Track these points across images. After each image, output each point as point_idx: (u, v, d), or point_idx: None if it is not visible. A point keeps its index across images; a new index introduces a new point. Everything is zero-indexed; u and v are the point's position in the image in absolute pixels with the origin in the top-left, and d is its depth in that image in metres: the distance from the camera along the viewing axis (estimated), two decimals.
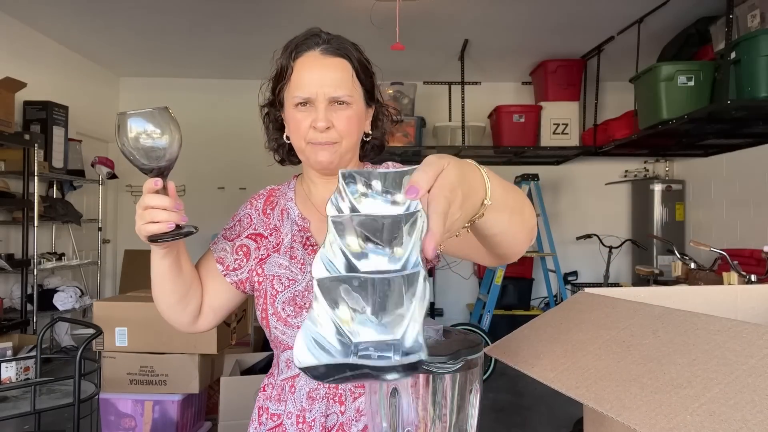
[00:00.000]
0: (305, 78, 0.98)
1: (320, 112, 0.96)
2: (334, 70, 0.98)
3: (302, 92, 0.97)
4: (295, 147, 1.04)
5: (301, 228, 1.06)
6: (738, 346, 0.56)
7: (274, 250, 1.06)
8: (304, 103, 0.97)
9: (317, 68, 0.98)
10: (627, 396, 0.57)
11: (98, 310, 2.48)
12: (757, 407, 0.48)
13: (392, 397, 0.66)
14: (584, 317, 0.78)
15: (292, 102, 0.99)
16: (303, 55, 0.99)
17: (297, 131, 0.99)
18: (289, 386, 1.01)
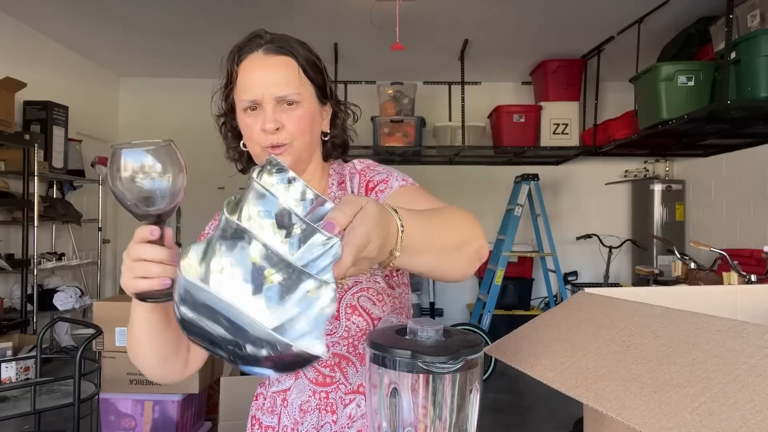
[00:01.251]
0: (249, 80, 0.94)
1: (268, 113, 0.93)
2: (278, 69, 0.94)
3: (248, 95, 0.94)
4: (252, 154, 1.00)
5: None
6: (738, 345, 0.56)
7: None
8: (252, 107, 0.94)
9: (260, 69, 0.94)
10: (627, 395, 0.57)
11: (98, 310, 2.48)
12: (757, 407, 0.48)
13: (392, 397, 0.66)
14: (584, 317, 0.78)
15: (241, 106, 0.96)
16: (246, 58, 0.96)
17: (250, 137, 0.96)
18: (281, 399, 1.00)
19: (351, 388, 0.99)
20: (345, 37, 4.82)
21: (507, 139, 5.23)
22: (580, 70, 5.36)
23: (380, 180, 1.02)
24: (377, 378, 0.67)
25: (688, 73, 3.75)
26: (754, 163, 4.69)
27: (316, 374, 0.98)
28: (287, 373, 0.95)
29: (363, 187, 1.03)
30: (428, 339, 0.68)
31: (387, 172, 1.03)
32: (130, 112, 6.16)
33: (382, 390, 0.67)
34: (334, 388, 0.98)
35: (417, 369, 0.63)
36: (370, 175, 1.04)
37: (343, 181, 1.07)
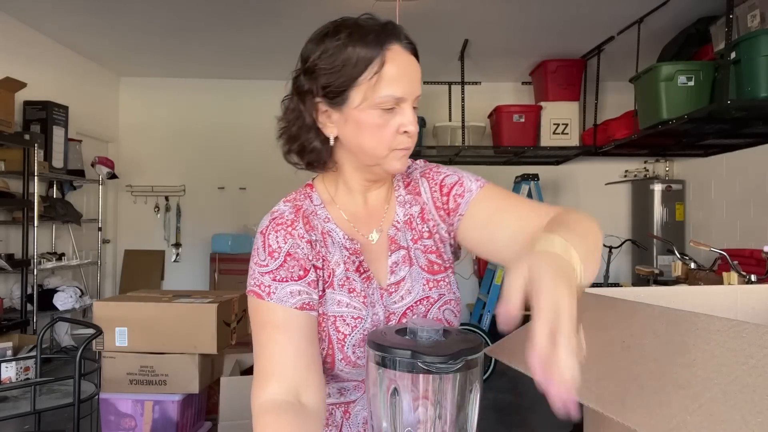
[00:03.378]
0: (397, 73, 0.83)
1: (410, 114, 0.84)
2: (417, 67, 0.87)
3: (395, 90, 0.82)
4: (367, 153, 0.87)
5: (352, 251, 0.91)
6: (738, 346, 0.56)
7: (327, 285, 0.88)
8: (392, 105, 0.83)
9: (408, 65, 0.85)
10: (627, 396, 0.57)
11: (98, 310, 2.48)
12: (757, 407, 0.48)
13: (392, 397, 0.66)
14: (584, 317, 0.78)
15: (378, 102, 0.82)
16: (392, 47, 0.84)
17: (379, 136, 0.84)
18: (342, 411, 0.92)
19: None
20: None
21: (507, 139, 5.23)
22: (580, 70, 5.36)
23: (453, 183, 0.94)
24: (377, 378, 0.67)
25: (688, 73, 3.75)
26: (754, 163, 4.69)
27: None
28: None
29: (437, 192, 0.94)
30: (428, 339, 0.68)
31: (454, 173, 0.96)
32: (130, 112, 6.16)
33: (383, 390, 0.66)
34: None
35: (417, 369, 0.63)
36: (438, 177, 0.96)
37: (409, 183, 0.98)
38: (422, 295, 0.90)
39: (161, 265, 6.17)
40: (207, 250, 5.79)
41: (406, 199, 0.96)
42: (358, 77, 0.82)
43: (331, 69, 0.83)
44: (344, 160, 0.91)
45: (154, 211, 6.16)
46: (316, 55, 0.85)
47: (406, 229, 0.94)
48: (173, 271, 6.19)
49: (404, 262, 0.91)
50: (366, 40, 0.83)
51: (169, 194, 6.14)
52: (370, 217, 0.94)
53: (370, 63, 0.82)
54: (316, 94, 0.87)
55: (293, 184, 1.07)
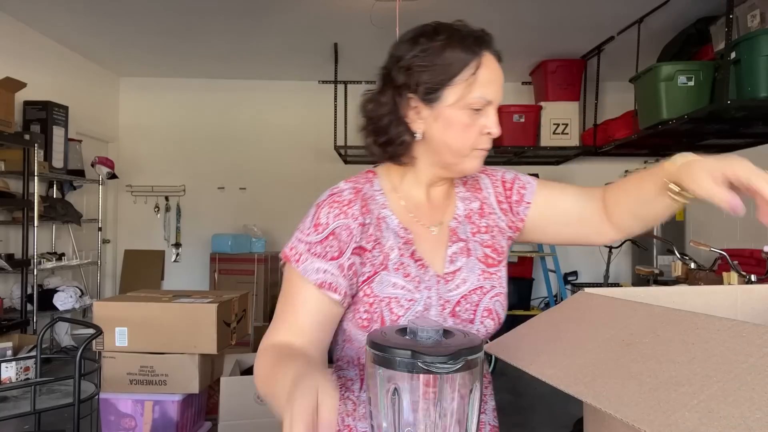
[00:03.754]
0: (492, 78, 0.89)
1: (494, 117, 0.90)
2: (503, 76, 0.92)
3: (488, 94, 0.88)
4: (451, 150, 0.91)
5: (405, 240, 0.94)
6: (738, 345, 0.56)
7: (382, 268, 0.91)
8: (480, 106, 0.89)
9: (497, 71, 0.91)
10: (625, 393, 0.57)
11: (98, 310, 2.48)
12: (756, 404, 0.48)
13: (392, 397, 0.66)
14: (584, 316, 0.78)
15: (470, 102, 0.88)
16: (486, 53, 0.90)
17: (463, 135, 0.89)
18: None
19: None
20: (345, 37, 4.82)
21: (507, 139, 5.23)
22: (580, 70, 5.36)
23: (512, 178, 1.05)
24: (377, 378, 0.67)
25: (688, 73, 3.75)
26: (754, 163, 4.66)
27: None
28: None
29: (500, 186, 1.04)
30: (428, 339, 0.68)
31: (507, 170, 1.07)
32: (130, 112, 6.16)
33: (382, 390, 0.66)
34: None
35: (417, 369, 0.63)
36: (498, 174, 1.06)
37: (467, 181, 1.04)
38: (477, 285, 0.95)
39: (161, 265, 6.17)
40: (207, 250, 5.79)
41: (466, 195, 1.03)
42: (455, 77, 0.88)
43: (430, 67, 0.89)
44: (422, 155, 0.95)
45: (154, 211, 6.16)
46: (413, 53, 0.91)
47: (466, 223, 1.00)
48: (173, 271, 6.19)
49: (462, 253, 0.97)
50: (465, 44, 0.89)
51: (169, 194, 6.14)
52: (431, 209, 0.99)
53: (468, 64, 0.88)
54: (410, 90, 0.90)
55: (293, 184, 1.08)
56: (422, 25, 0.94)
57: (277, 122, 6.07)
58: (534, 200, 1.02)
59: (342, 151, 5.28)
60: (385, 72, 0.96)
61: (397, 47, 0.95)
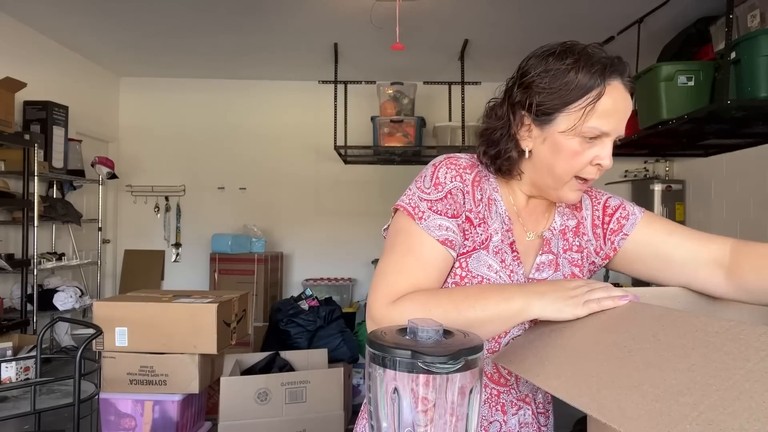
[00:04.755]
0: (613, 109, 0.84)
1: (609, 149, 0.87)
2: (630, 107, 0.87)
3: (605, 126, 0.84)
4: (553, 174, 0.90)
5: (507, 229, 0.95)
6: (735, 348, 0.56)
7: (482, 246, 0.92)
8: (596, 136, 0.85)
9: (622, 102, 0.86)
10: (628, 405, 0.57)
11: (98, 310, 2.48)
12: (755, 415, 0.48)
13: (392, 397, 0.66)
14: (586, 320, 0.78)
15: (584, 131, 0.85)
16: (614, 82, 0.85)
17: (571, 162, 0.87)
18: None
19: (520, 396, 0.98)
20: (345, 37, 4.82)
21: None
22: None
23: (617, 206, 1.02)
24: (377, 378, 0.67)
25: (688, 73, 3.75)
26: (754, 163, 4.68)
27: (493, 370, 0.96)
28: None
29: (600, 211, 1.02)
30: (428, 339, 0.68)
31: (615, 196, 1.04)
32: (130, 112, 6.16)
33: (383, 390, 0.66)
34: (506, 390, 0.97)
35: (417, 369, 0.63)
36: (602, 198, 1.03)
37: None
38: None
39: (161, 265, 6.17)
40: (207, 250, 5.79)
41: (566, 211, 1.02)
42: (572, 103, 0.85)
43: (548, 89, 0.86)
44: (527, 172, 0.95)
45: (154, 211, 6.16)
46: (537, 71, 0.88)
47: (560, 237, 1.00)
48: (173, 271, 6.19)
49: (550, 266, 0.98)
50: (591, 70, 0.84)
51: (169, 194, 6.14)
52: (529, 216, 1.00)
53: (589, 92, 0.84)
54: (525, 108, 0.90)
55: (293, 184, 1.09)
56: (559, 42, 0.90)
57: (277, 122, 6.07)
58: (633, 233, 0.99)
59: (342, 151, 5.28)
60: (509, 84, 0.97)
61: (527, 61, 0.92)
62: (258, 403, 2.59)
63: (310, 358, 3.16)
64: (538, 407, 1.01)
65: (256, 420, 2.59)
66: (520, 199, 0.99)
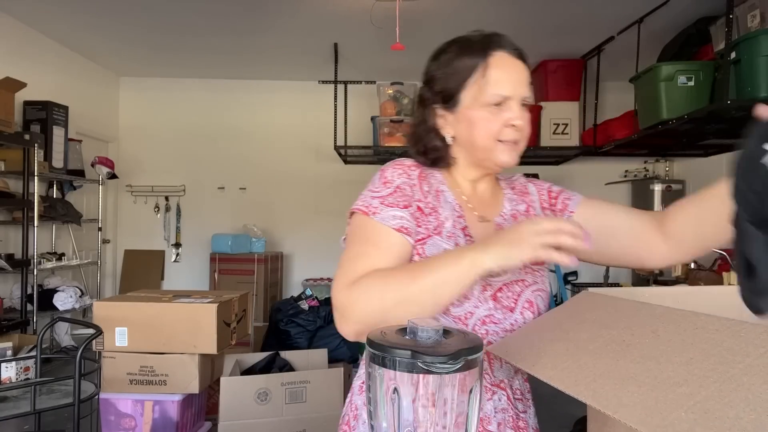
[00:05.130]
0: (503, 76, 0.97)
1: (516, 110, 0.97)
2: (524, 71, 1.00)
3: (502, 90, 0.96)
4: (478, 146, 0.99)
5: (459, 216, 1.01)
6: (735, 345, 0.56)
7: (435, 232, 0.98)
8: (499, 102, 0.96)
9: (512, 68, 0.99)
10: (624, 394, 0.58)
11: (98, 310, 2.48)
12: (751, 405, 0.48)
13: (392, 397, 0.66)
14: (586, 317, 0.78)
15: (484, 101, 0.96)
16: (496, 54, 0.98)
17: (486, 130, 0.97)
18: None
19: (494, 381, 0.99)
20: (345, 37, 4.82)
21: None
22: (580, 70, 5.36)
23: (559, 189, 1.11)
24: (377, 378, 0.67)
25: (688, 73, 3.75)
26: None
27: None
28: None
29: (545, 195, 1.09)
30: (428, 339, 0.68)
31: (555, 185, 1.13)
32: (130, 112, 6.16)
33: (382, 390, 0.66)
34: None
35: (417, 369, 0.63)
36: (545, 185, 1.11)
37: (515, 186, 1.12)
38: (519, 278, 1.00)
39: (161, 265, 6.17)
40: (207, 250, 5.79)
41: (513, 197, 1.10)
42: (466, 80, 0.97)
43: (445, 76, 1.00)
44: (459, 156, 1.05)
45: (154, 211, 6.16)
46: (433, 67, 1.03)
47: (512, 221, 1.06)
48: (173, 271, 6.19)
49: None
50: (472, 50, 0.98)
51: (169, 194, 6.14)
52: (480, 204, 1.06)
53: (476, 67, 0.97)
54: (434, 101, 1.03)
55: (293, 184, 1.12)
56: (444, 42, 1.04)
57: (277, 122, 6.07)
58: (578, 210, 1.07)
59: (342, 151, 5.28)
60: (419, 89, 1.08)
61: (427, 65, 1.05)
62: (258, 403, 2.59)
63: (310, 358, 3.16)
64: (515, 393, 1.02)
65: (256, 420, 2.58)
66: (465, 187, 1.06)
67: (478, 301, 0.96)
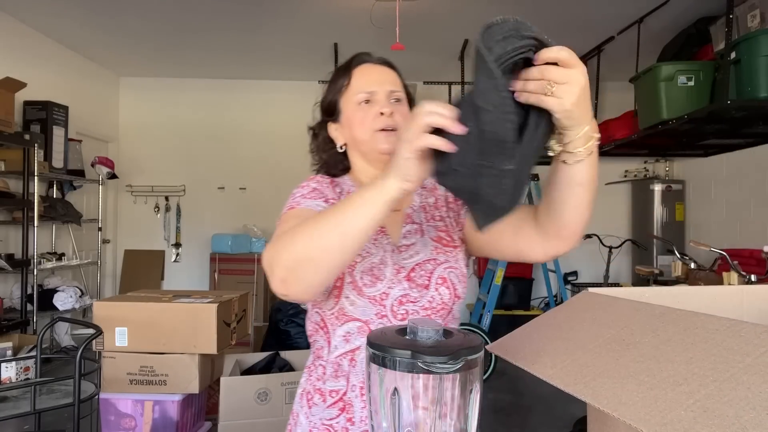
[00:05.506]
0: (365, 79, 1.12)
1: (383, 101, 1.09)
2: (388, 73, 1.14)
3: (365, 87, 1.10)
4: (359, 141, 1.10)
5: None
6: (736, 344, 0.56)
7: None
8: (367, 99, 1.09)
9: (375, 71, 1.14)
10: (624, 392, 0.58)
11: (98, 310, 2.48)
12: (751, 404, 0.48)
13: (392, 397, 0.66)
14: (586, 316, 0.78)
15: (356, 101, 1.10)
16: (360, 66, 1.14)
17: (363, 124, 1.09)
18: (349, 360, 1.03)
19: None
20: (345, 37, 4.82)
21: None
22: None
23: None
24: (377, 378, 0.67)
25: (688, 73, 3.75)
26: (754, 163, 4.69)
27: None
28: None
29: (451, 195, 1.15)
30: (428, 339, 0.68)
31: None
32: (130, 112, 6.16)
33: (382, 390, 0.66)
34: None
35: (417, 369, 0.63)
36: None
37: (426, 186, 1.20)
38: (430, 257, 1.07)
39: (161, 265, 6.17)
40: (207, 250, 5.79)
41: (424, 192, 1.18)
42: (341, 92, 1.14)
43: (328, 91, 1.18)
44: (355, 159, 1.16)
45: (154, 211, 6.16)
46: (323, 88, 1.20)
47: (421, 212, 1.15)
48: (173, 271, 6.19)
49: (416, 233, 1.11)
50: (342, 68, 1.17)
51: (169, 194, 6.14)
52: None
53: (345, 80, 1.14)
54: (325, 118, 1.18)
55: (293, 184, 1.17)
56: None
57: (277, 122, 6.07)
58: None
59: None
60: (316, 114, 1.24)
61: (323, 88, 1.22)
62: (258, 403, 2.59)
63: None
64: None
65: (256, 420, 2.58)
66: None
67: (392, 282, 1.02)
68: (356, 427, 1.00)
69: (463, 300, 1.09)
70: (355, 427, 1.00)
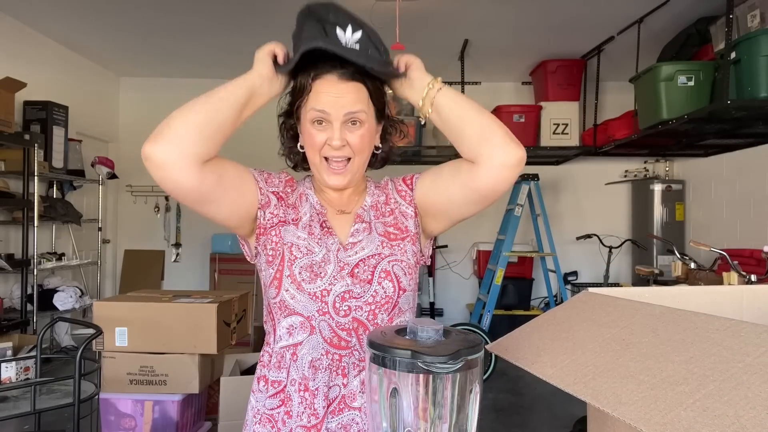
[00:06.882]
0: (322, 98, 1.04)
1: (336, 131, 1.03)
2: (349, 93, 1.04)
3: (317, 104, 1.04)
4: (309, 160, 1.11)
5: (319, 212, 1.13)
6: (735, 344, 0.56)
7: (293, 222, 1.11)
8: (320, 120, 1.04)
9: (334, 91, 1.03)
10: (623, 392, 0.58)
11: (98, 310, 2.48)
12: (750, 403, 0.48)
13: (392, 397, 0.66)
14: (586, 316, 0.78)
15: (309, 117, 1.06)
16: (321, 78, 1.05)
17: (312, 146, 1.07)
18: (291, 354, 1.05)
19: (362, 356, 1.04)
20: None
21: None
22: (580, 70, 5.36)
23: (412, 174, 1.20)
24: (377, 378, 0.67)
25: (688, 73, 3.75)
26: (754, 163, 4.68)
27: (332, 335, 1.04)
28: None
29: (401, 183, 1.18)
30: (428, 339, 0.68)
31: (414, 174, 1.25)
32: (130, 112, 6.16)
33: (382, 390, 0.66)
34: (348, 352, 1.04)
35: (417, 369, 0.63)
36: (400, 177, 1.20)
37: (379, 185, 1.21)
38: (375, 252, 1.08)
39: (161, 265, 6.17)
40: (207, 250, 5.79)
41: (375, 192, 1.18)
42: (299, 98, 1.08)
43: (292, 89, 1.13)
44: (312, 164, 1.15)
45: (154, 211, 6.16)
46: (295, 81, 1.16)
47: (371, 211, 1.15)
48: (173, 271, 6.19)
49: (364, 231, 1.12)
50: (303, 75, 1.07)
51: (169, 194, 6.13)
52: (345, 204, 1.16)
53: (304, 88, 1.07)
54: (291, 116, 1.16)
55: None
56: None
57: (277, 122, 6.06)
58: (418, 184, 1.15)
59: None
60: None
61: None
62: None
63: None
64: None
65: None
66: (331, 194, 1.15)
67: (334, 278, 1.04)
68: (293, 421, 1.03)
69: (411, 292, 1.10)
70: (292, 420, 1.03)
